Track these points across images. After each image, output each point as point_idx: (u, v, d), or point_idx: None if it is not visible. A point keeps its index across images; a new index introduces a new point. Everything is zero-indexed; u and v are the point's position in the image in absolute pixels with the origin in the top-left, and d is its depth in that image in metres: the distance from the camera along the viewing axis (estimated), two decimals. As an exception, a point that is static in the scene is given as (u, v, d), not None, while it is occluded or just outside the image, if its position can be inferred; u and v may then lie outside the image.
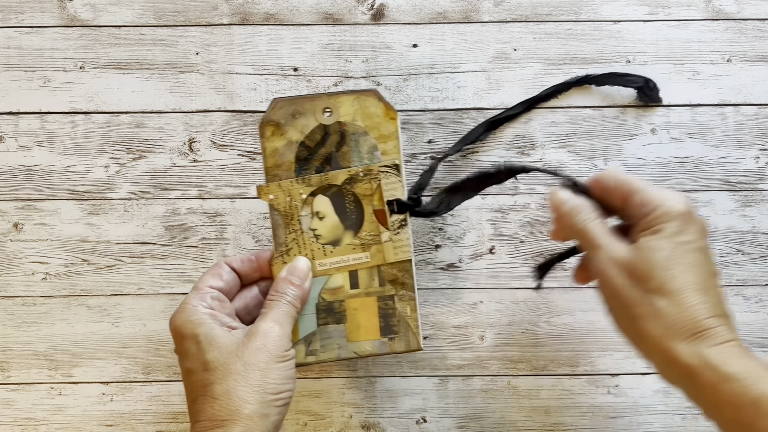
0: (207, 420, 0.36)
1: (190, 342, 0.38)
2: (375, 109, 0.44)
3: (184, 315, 0.39)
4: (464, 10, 0.53)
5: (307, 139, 0.44)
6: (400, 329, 0.45)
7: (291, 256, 0.42)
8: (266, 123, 0.44)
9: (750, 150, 0.53)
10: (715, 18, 0.53)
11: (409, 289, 0.45)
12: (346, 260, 0.43)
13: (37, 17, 0.53)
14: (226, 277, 0.42)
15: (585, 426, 0.52)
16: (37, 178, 0.53)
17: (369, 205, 0.43)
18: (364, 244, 0.43)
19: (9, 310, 0.52)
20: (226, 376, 0.37)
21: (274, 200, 0.42)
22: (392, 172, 0.42)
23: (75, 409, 0.52)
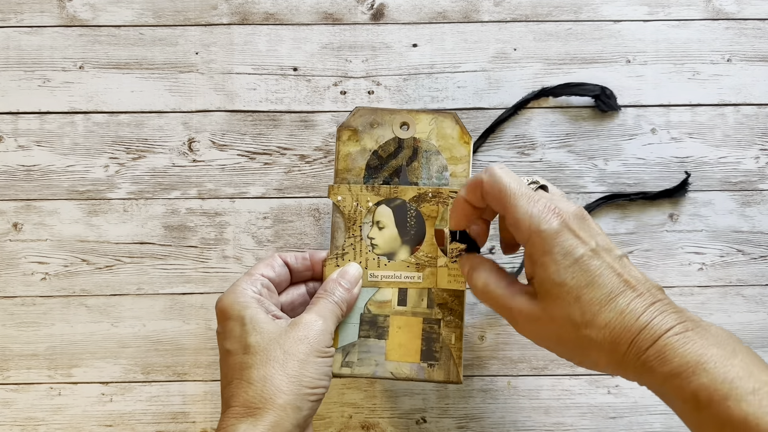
0: (240, 406, 0.36)
1: (234, 323, 0.38)
2: (451, 131, 0.45)
3: (233, 296, 0.39)
4: (464, 9, 0.53)
5: (380, 149, 0.45)
6: (441, 357, 0.43)
7: (345, 261, 0.42)
8: (345, 128, 0.45)
9: (750, 150, 0.53)
10: (715, 18, 0.53)
11: (458, 316, 0.44)
12: (398, 276, 0.42)
13: (36, 17, 0.53)
14: (278, 270, 0.42)
15: (585, 426, 0.52)
16: (36, 178, 0.53)
17: (431, 227, 0.42)
18: (419, 263, 0.42)
19: (8, 310, 0.52)
20: (264, 362, 0.36)
21: (341, 202, 0.41)
22: None
23: (74, 410, 0.52)
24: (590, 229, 0.35)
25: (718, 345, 0.32)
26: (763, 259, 0.53)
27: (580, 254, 0.34)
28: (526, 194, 0.36)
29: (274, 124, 0.53)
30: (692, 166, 0.53)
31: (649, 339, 0.33)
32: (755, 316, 0.52)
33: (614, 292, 0.34)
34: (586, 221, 0.36)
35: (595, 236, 0.35)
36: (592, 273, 0.34)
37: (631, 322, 0.33)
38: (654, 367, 0.32)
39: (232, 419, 0.36)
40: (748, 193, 0.53)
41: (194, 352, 0.52)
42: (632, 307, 0.33)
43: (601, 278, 0.34)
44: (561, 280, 0.34)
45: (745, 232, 0.53)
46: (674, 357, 0.32)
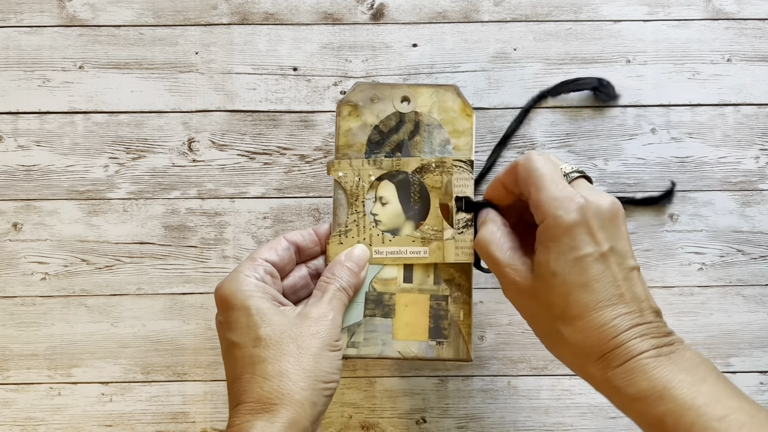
0: (254, 402, 0.34)
1: (239, 313, 0.36)
2: (452, 104, 0.44)
3: (235, 283, 0.37)
4: (464, 9, 0.53)
5: (381, 123, 0.44)
6: (450, 334, 0.42)
7: (349, 238, 0.40)
8: (344, 103, 0.44)
9: (750, 150, 0.53)
10: (715, 18, 0.53)
11: (465, 292, 0.43)
12: (404, 252, 0.41)
13: (36, 17, 0.53)
14: (282, 253, 0.40)
15: (585, 426, 0.52)
16: (36, 178, 0.52)
17: (436, 198, 0.41)
18: (425, 238, 0.40)
19: (8, 310, 0.52)
20: (278, 356, 0.35)
21: (342, 178, 0.40)
22: (465, 167, 0.40)
23: (74, 410, 0.52)
24: (613, 230, 0.34)
25: (687, 371, 0.31)
26: (763, 259, 0.53)
27: (585, 253, 0.33)
28: (555, 179, 0.35)
29: (274, 124, 0.53)
30: (692, 166, 0.53)
31: (620, 358, 0.32)
32: (755, 316, 0.52)
33: (604, 302, 0.33)
34: (614, 222, 0.34)
35: (615, 240, 0.34)
36: (590, 276, 0.33)
37: (608, 336, 0.32)
38: (619, 387, 0.32)
39: (246, 415, 0.34)
40: (748, 193, 0.53)
41: (194, 352, 0.52)
42: (615, 323, 0.33)
43: (597, 284, 0.33)
44: (557, 271, 0.33)
45: (745, 232, 0.53)
46: (642, 380, 0.31)
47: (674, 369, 0.31)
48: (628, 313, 0.33)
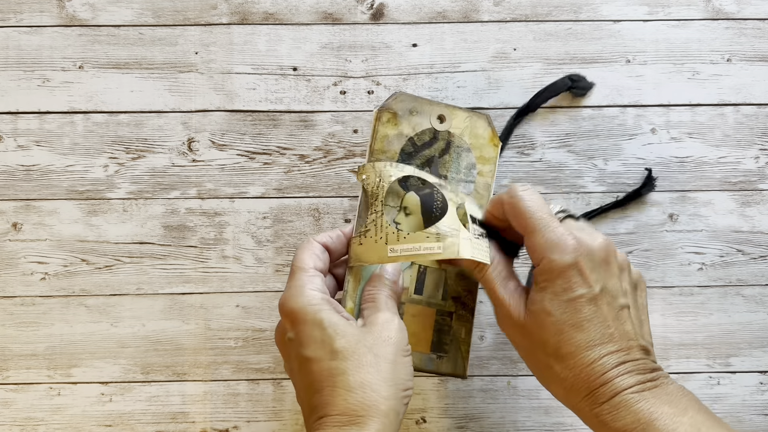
0: (339, 414, 0.33)
1: (312, 328, 0.36)
2: (483, 131, 0.46)
3: (303, 298, 0.36)
4: (464, 9, 0.53)
5: (416, 136, 0.45)
6: (450, 349, 0.44)
7: (368, 238, 0.40)
8: (385, 109, 0.45)
9: (750, 150, 0.53)
10: (714, 18, 0.53)
11: (469, 311, 0.45)
12: (418, 249, 0.40)
13: (35, 17, 0.53)
14: (324, 258, 0.39)
15: (584, 426, 0.52)
16: (35, 178, 0.52)
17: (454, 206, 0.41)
18: (440, 234, 0.40)
19: (8, 310, 0.52)
20: (358, 367, 0.34)
21: (365, 180, 0.40)
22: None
23: (74, 410, 0.52)
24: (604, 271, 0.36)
25: (670, 403, 0.33)
26: (762, 259, 0.53)
27: (577, 295, 0.35)
28: (546, 220, 0.36)
29: (274, 123, 0.53)
30: (692, 166, 0.53)
31: (607, 394, 0.34)
32: (755, 316, 0.52)
33: (594, 341, 0.35)
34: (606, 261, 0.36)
35: (606, 280, 0.36)
36: (582, 317, 0.35)
37: (596, 374, 0.34)
38: (606, 422, 0.34)
39: (333, 428, 0.33)
40: (748, 193, 0.53)
41: (194, 352, 0.52)
42: (603, 361, 0.34)
43: (589, 324, 0.35)
44: (551, 310, 0.35)
45: (745, 232, 0.53)
46: (627, 414, 0.33)
47: (657, 402, 0.33)
48: (617, 351, 0.35)
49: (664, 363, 0.52)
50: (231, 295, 0.52)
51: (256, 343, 0.52)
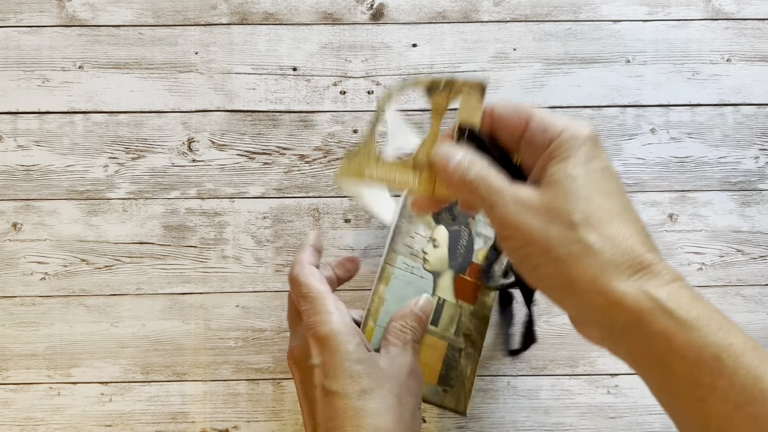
0: None
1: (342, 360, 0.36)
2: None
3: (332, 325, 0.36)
4: (464, 9, 0.53)
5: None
6: (455, 384, 0.45)
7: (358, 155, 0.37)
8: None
9: (749, 150, 0.53)
10: (714, 18, 0.53)
11: (477, 350, 0.46)
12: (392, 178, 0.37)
13: (35, 17, 0.53)
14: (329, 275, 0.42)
15: (584, 426, 0.52)
16: (35, 178, 0.52)
17: (437, 123, 0.37)
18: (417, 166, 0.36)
19: (8, 310, 0.52)
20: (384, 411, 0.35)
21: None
22: (474, 92, 0.36)
23: (74, 410, 0.52)
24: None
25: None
26: (762, 259, 0.53)
27: (604, 165, 0.30)
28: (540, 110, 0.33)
29: (274, 124, 0.53)
30: (692, 166, 0.53)
31: (667, 276, 0.28)
32: (755, 315, 0.52)
33: (626, 214, 0.29)
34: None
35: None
36: (611, 186, 0.30)
37: (644, 248, 0.28)
38: (670, 309, 0.27)
39: None
40: (748, 193, 0.53)
41: (193, 352, 0.52)
42: (645, 238, 0.29)
43: (618, 196, 0.30)
44: (577, 175, 0.29)
45: (745, 232, 0.53)
46: (693, 306, 0.27)
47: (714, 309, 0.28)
48: (650, 236, 0.30)
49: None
50: (231, 295, 0.52)
51: (256, 343, 0.52)
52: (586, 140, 0.30)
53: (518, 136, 0.32)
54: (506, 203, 0.30)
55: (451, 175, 0.32)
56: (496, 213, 0.31)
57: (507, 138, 0.33)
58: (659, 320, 0.27)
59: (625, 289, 0.27)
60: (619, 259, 0.28)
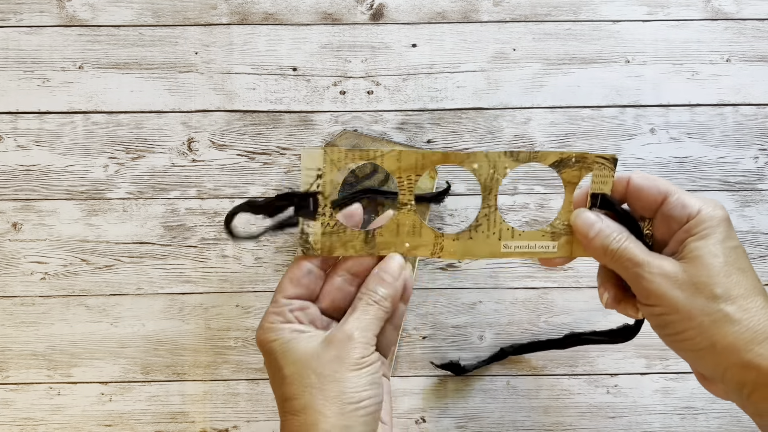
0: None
1: (270, 360, 0.37)
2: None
3: (261, 332, 0.38)
4: (463, 9, 0.53)
5: (358, 169, 0.52)
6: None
7: (479, 233, 0.39)
8: (330, 145, 0.52)
9: (749, 150, 0.53)
10: (714, 18, 0.53)
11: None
12: (533, 247, 0.40)
13: (35, 17, 0.53)
14: (306, 280, 0.39)
15: (584, 426, 0.52)
16: (35, 178, 0.53)
17: (570, 193, 0.40)
18: (555, 232, 0.39)
19: (8, 310, 0.52)
20: (302, 390, 0.35)
21: (477, 170, 0.39)
22: (607, 165, 0.39)
23: (74, 409, 0.52)
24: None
25: None
26: (762, 259, 0.53)
27: (738, 244, 0.35)
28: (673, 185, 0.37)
29: (274, 124, 0.53)
30: (691, 166, 0.53)
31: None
32: (754, 315, 0.52)
33: (758, 289, 0.35)
34: None
35: None
36: (745, 264, 0.35)
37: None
38: None
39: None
40: (747, 193, 0.53)
41: (193, 352, 0.52)
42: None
43: (751, 273, 0.35)
44: (719, 253, 0.35)
45: (744, 232, 0.53)
46: None
47: None
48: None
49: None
50: (231, 295, 0.52)
51: (255, 343, 0.52)
52: (721, 221, 0.36)
53: (654, 208, 0.37)
54: (653, 275, 0.35)
55: (591, 242, 0.37)
56: (642, 284, 0.35)
57: (641, 207, 0.38)
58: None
59: (760, 352, 0.33)
60: (754, 327, 0.34)
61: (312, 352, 0.36)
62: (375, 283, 0.39)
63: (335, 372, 0.36)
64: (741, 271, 0.35)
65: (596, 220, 0.37)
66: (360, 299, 0.38)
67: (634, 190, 0.38)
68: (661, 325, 0.36)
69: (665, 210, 0.37)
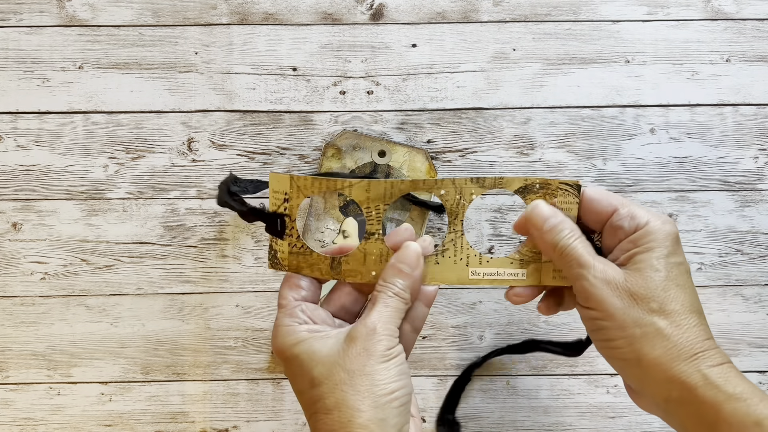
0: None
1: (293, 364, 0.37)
2: (420, 165, 0.51)
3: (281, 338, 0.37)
4: (463, 9, 0.53)
5: (357, 169, 0.51)
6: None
7: (446, 258, 0.40)
8: (330, 145, 0.51)
9: (749, 150, 0.53)
10: (714, 18, 0.53)
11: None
12: (501, 274, 0.40)
13: (35, 17, 0.53)
14: (304, 283, 0.39)
15: (584, 426, 0.52)
16: (35, 178, 0.53)
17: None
18: (523, 260, 0.40)
19: (8, 309, 0.52)
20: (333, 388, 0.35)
21: (444, 196, 0.39)
22: (571, 191, 0.39)
23: (74, 409, 0.52)
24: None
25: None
26: (761, 258, 0.53)
27: (682, 260, 0.36)
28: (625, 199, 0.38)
29: (274, 124, 0.53)
30: (691, 166, 0.53)
31: (716, 359, 0.34)
32: (754, 315, 0.52)
33: (695, 306, 0.35)
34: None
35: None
36: (685, 281, 0.36)
37: (703, 336, 0.35)
38: (719, 385, 0.33)
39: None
40: (747, 193, 0.53)
41: (193, 352, 0.52)
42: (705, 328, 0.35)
43: (690, 290, 0.36)
44: (659, 267, 0.35)
45: (744, 232, 0.53)
46: (738, 383, 0.33)
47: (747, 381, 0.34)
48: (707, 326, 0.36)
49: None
50: (231, 295, 0.52)
51: (255, 342, 0.52)
52: (668, 236, 0.36)
53: (604, 220, 0.37)
54: (595, 279, 0.36)
55: (544, 234, 0.37)
56: (584, 285, 0.36)
57: (592, 220, 0.38)
58: (709, 393, 0.33)
59: (684, 369, 0.34)
60: (682, 344, 0.34)
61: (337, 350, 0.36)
62: (392, 274, 0.38)
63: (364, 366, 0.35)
64: (680, 287, 0.35)
65: (551, 214, 0.37)
66: (379, 292, 0.38)
67: (587, 202, 0.38)
68: (594, 330, 0.37)
69: (614, 220, 0.37)
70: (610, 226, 0.37)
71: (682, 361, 0.34)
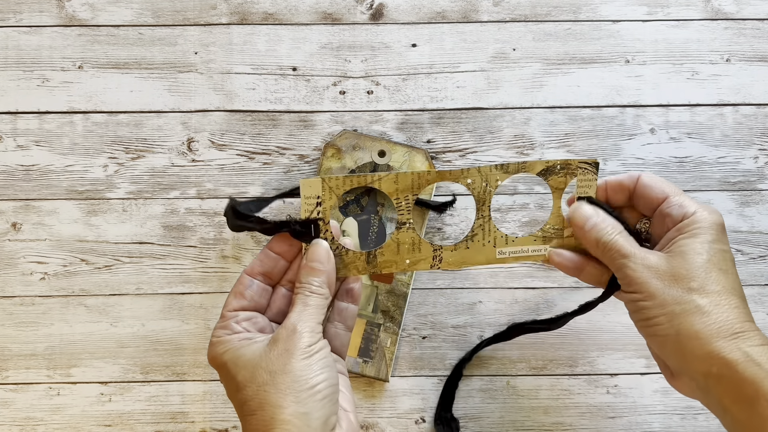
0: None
1: (222, 371, 0.38)
2: (420, 165, 0.51)
3: (211, 348, 0.39)
4: (463, 9, 0.53)
5: (357, 169, 0.51)
6: (376, 356, 0.51)
7: (475, 242, 0.41)
8: (330, 145, 0.52)
9: (749, 150, 0.53)
10: (714, 18, 0.53)
11: (397, 324, 0.51)
12: (525, 251, 0.42)
13: (35, 17, 0.53)
14: (250, 292, 0.40)
15: (584, 426, 0.52)
16: (35, 178, 0.52)
17: (558, 199, 0.42)
18: (546, 237, 0.42)
19: (7, 310, 0.52)
20: (256, 390, 0.36)
21: (471, 184, 0.41)
22: (590, 169, 0.41)
23: (73, 410, 0.52)
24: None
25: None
26: (761, 259, 0.53)
27: (727, 248, 0.37)
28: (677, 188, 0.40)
29: (274, 124, 0.53)
30: (691, 166, 0.53)
31: (759, 339, 0.35)
32: (754, 315, 0.52)
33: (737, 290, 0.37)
34: None
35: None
36: (729, 266, 0.37)
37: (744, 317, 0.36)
38: (761, 363, 0.34)
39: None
40: (747, 193, 0.53)
41: (193, 352, 0.52)
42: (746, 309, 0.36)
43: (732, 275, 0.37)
44: (702, 251, 0.36)
45: (744, 232, 0.53)
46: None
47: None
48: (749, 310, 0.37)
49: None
50: (230, 295, 0.52)
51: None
52: (714, 224, 0.37)
53: (655, 206, 0.39)
54: (636, 265, 0.38)
55: (586, 234, 0.40)
56: (626, 272, 0.38)
57: (644, 205, 0.40)
58: (750, 370, 0.34)
59: (724, 346, 0.35)
60: (722, 322, 0.35)
61: (260, 354, 0.37)
62: (306, 274, 0.39)
63: (285, 365, 0.36)
64: (722, 271, 0.36)
65: (593, 214, 0.40)
66: (297, 293, 0.39)
67: (641, 188, 0.40)
68: (635, 311, 0.38)
69: (664, 208, 0.39)
70: (660, 213, 0.39)
71: (722, 338, 0.35)
